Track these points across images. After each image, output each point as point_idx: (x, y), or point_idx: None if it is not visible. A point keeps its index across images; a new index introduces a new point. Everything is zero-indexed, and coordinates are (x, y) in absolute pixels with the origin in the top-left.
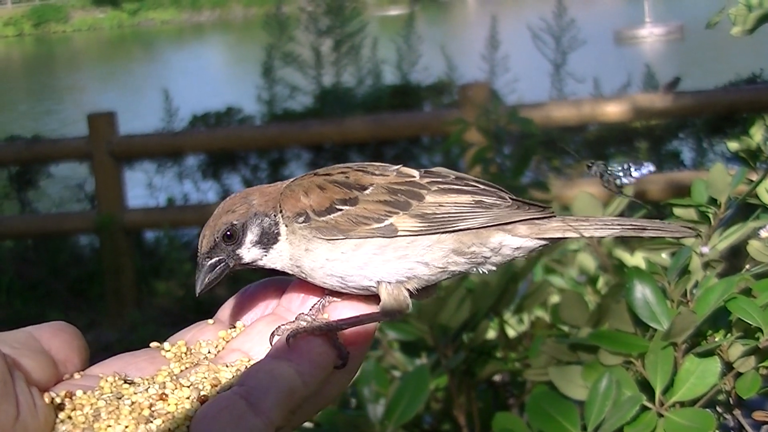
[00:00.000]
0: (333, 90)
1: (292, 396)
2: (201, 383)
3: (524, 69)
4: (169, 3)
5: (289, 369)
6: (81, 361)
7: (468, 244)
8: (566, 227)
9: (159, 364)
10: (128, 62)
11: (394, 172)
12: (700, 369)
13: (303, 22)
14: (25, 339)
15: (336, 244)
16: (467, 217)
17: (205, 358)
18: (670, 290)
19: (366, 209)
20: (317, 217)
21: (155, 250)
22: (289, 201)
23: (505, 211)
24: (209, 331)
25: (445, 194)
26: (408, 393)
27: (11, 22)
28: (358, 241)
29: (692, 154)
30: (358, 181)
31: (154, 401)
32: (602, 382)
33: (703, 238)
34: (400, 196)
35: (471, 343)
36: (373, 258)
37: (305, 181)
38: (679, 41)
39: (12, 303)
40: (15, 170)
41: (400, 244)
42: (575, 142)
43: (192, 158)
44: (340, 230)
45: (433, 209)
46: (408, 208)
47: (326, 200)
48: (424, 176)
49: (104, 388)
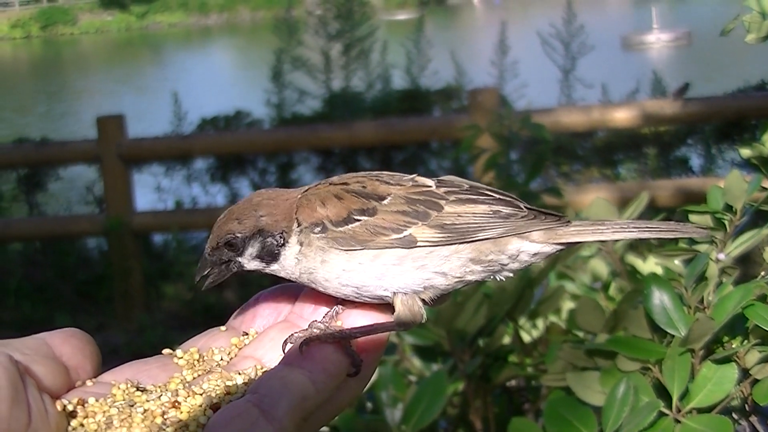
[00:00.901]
0: (342, 94)
1: (305, 403)
2: (213, 391)
3: (533, 74)
4: (176, 6)
5: (301, 376)
6: (93, 368)
7: (486, 253)
8: (583, 231)
9: (171, 371)
10: (136, 65)
11: (410, 182)
12: (717, 375)
13: (312, 27)
14: (36, 345)
15: (353, 255)
16: (485, 227)
17: (218, 365)
18: (687, 297)
19: (385, 219)
20: (334, 227)
21: (163, 253)
22: (305, 211)
23: (522, 221)
24: (221, 337)
25: (463, 204)
26: (426, 398)
27: (19, 24)
28: (377, 251)
29: (701, 161)
30: (375, 190)
31: (166, 409)
32: (620, 388)
33: (719, 245)
34: (419, 206)
35: (487, 348)
36: (392, 269)
37: (321, 191)
38: (687, 47)
39: (20, 305)
40: (24, 172)
41: (419, 254)
42: (584, 148)
43: (201, 161)
44: (357, 241)
45: (452, 219)
46: (427, 218)
47: (344, 210)
48: (439, 186)
49: (116, 395)
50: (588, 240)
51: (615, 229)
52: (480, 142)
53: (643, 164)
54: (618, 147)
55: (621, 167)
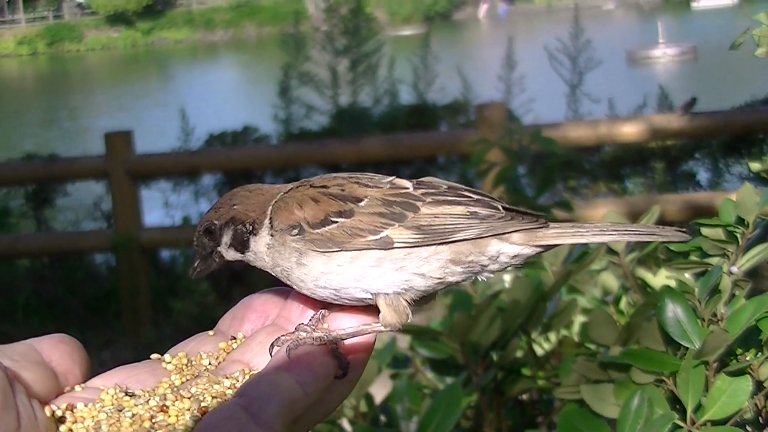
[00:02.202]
0: (349, 109)
1: (294, 406)
2: (202, 395)
3: (539, 89)
4: (182, 22)
5: (290, 379)
6: (82, 373)
7: (465, 254)
8: (563, 234)
9: (160, 375)
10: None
11: (388, 184)
12: (731, 388)
13: (319, 42)
14: (25, 351)
15: (331, 257)
16: (462, 228)
17: (206, 369)
18: (700, 309)
19: (361, 221)
20: (312, 229)
21: (171, 269)
22: (283, 213)
23: (499, 222)
24: (210, 342)
25: (439, 206)
26: (440, 410)
27: (25, 41)
28: (354, 253)
29: (708, 175)
30: (352, 193)
31: (155, 413)
32: (634, 400)
33: (731, 258)
34: (396, 207)
35: (501, 361)
36: (370, 270)
37: (299, 194)
38: (693, 62)
39: (29, 321)
40: (32, 188)
41: (397, 256)
42: (591, 162)
43: (208, 177)
44: (335, 242)
45: (428, 221)
46: (403, 219)
47: (321, 212)
48: (417, 187)
49: (105, 400)
50: (567, 242)
51: (594, 232)
52: (488, 157)
53: (650, 178)
54: (625, 161)
55: (628, 181)
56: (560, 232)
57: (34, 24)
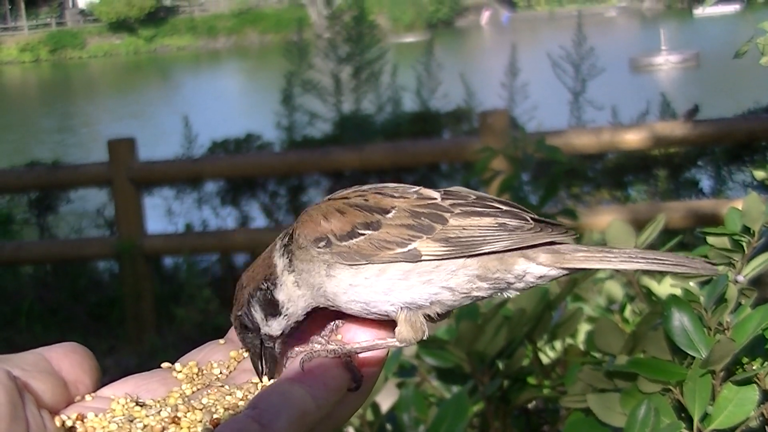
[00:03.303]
0: (352, 117)
1: (305, 419)
2: (213, 406)
3: (542, 96)
4: (185, 29)
5: (302, 391)
6: (92, 383)
7: (492, 270)
8: (591, 258)
9: (170, 385)
10: (146, 88)
11: (414, 194)
12: (738, 397)
13: (322, 50)
14: (35, 361)
15: (359, 270)
16: (490, 240)
17: (217, 379)
18: (706, 318)
19: (389, 233)
20: (339, 242)
21: (174, 276)
22: (309, 225)
23: (529, 233)
24: (220, 351)
25: (468, 217)
26: (447, 419)
27: (28, 47)
28: (382, 266)
29: (711, 183)
30: (378, 203)
31: (166, 424)
32: (641, 410)
33: (737, 267)
34: (424, 219)
35: (507, 370)
36: (398, 283)
37: (323, 206)
38: (695, 69)
39: (32, 327)
40: (35, 195)
41: (425, 269)
42: (594, 170)
43: (211, 184)
44: (362, 255)
45: (456, 233)
46: (432, 231)
47: (348, 224)
48: (445, 198)
49: (116, 410)
50: (594, 267)
51: (623, 258)
52: (492, 165)
53: (653, 186)
54: (628, 169)
55: (631, 189)
56: (588, 256)
57: (36, 31)
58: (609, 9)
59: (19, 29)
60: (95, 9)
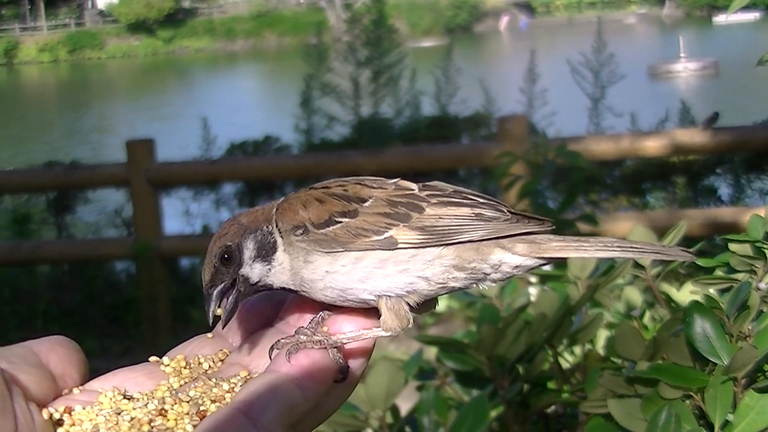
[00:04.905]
0: (371, 120)
1: (293, 410)
2: (200, 398)
3: (561, 102)
4: (203, 31)
5: (289, 383)
6: (80, 376)
7: (468, 260)
8: (566, 247)
9: (158, 378)
10: (164, 90)
11: (393, 185)
12: (759, 404)
13: (341, 53)
14: (23, 353)
15: (336, 257)
16: (467, 229)
17: (205, 372)
18: (728, 325)
19: (366, 221)
20: (316, 229)
21: (191, 278)
22: (287, 214)
23: (505, 224)
24: (208, 345)
25: (444, 207)
26: (467, 423)
27: (47, 48)
28: (359, 253)
29: (730, 191)
30: (357, 193)
31: (153, 417)
32: (662, 416)
33: (759, 274)
34: (400, 208)
35: (527, 375)
36: (374, 271)
37: (302, 195)
38: (714, 77)
39: (48, 328)
40: (53, 195)
41: (401, 258)
42: (613, 176)
43: (229, 186)
44: (339, 243)
45: (432, 221)
46: (408, 220)
47: (325, 213)
48: (423, 189)
49: (103, 403)
50: (570, 256)
51: (598, 247)
52: (512, 170)
53: (671, 193)
54: (647, 176)
55: (650, 196)
56: (563, 246)
57: (55, 31)
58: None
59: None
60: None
